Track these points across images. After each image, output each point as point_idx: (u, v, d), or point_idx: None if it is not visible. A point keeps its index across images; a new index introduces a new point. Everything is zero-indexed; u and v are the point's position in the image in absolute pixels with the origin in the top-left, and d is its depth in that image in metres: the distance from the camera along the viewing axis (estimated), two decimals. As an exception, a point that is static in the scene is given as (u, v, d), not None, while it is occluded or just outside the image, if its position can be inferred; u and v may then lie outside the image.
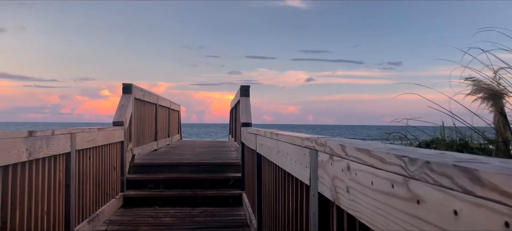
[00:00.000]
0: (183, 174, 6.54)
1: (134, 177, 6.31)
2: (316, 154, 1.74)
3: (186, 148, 10.20)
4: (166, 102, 10.65)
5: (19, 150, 2.71)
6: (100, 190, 4.95)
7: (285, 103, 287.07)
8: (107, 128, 5.16)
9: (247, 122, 6.26)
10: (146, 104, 8.05)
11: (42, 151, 3.11)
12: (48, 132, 3.22)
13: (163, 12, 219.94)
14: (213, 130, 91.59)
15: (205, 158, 7.55)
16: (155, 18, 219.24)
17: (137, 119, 7.20)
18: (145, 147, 7.98)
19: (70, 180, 3.80)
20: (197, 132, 72.38)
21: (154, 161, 7.03)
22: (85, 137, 4.22)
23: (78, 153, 4.05)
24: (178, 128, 14.09)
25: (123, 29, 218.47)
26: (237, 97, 8.02)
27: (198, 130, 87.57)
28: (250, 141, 4.78)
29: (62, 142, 3.55)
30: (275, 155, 2.89)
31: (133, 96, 6.74)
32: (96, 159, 4.76)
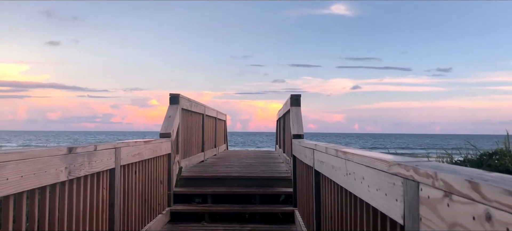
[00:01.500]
0: (231, 188, 6.22)
1: (181, 191, 6.05)
2: (417, 186, 1.33)
3: (233, 158, 9.92)
4: (212, 112, 10.43)
5: (57, 168, 2.45)
6: (146, 206, 4.70)
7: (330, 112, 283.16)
8: (153, 140, 4.92)
9: (298, 134, 5.86)
10: (193, 115, 7.83)
11: (84, 168, 2.86)
12: (90, 148, 2.97)
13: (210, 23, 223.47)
14: (258, 138, 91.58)
15: (254, 170, 7.21)
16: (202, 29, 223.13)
17: (184, 129, 6.98)
18: (192, 159, 7.74)
19: (114, 198, 3.55)
20: (242, 141, 72.53)
21: (201, 173, 6.76)
22: (131, 150, 3.98)
23: (123, 168, 3.80)
24: (225, 138, 13.88)
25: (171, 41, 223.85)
26: (287, 107, 7.63)
27: (243, 138, 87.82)
28: (305, 156, 4.38)
29: (106, 158, 3.30)
30: (343, 177, 2.48)
31: (180, 107, 6.51)
32: (142, 174, 4.51)
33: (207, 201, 5.98)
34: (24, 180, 2.09)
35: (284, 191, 6.07)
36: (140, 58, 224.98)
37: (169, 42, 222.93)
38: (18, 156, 2.03)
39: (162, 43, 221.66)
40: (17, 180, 2.03)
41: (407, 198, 1.41)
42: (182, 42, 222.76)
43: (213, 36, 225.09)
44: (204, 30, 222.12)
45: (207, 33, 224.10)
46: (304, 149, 4.44)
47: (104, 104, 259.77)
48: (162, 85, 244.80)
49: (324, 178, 3.30)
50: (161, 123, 5.97)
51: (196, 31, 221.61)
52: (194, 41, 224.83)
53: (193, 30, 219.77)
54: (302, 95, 6.73)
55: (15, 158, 2.01)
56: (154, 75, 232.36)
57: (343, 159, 2.45)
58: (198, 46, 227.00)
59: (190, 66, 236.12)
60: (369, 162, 1.91)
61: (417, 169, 1.34)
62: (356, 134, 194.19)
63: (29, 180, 2.14)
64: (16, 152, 2.03)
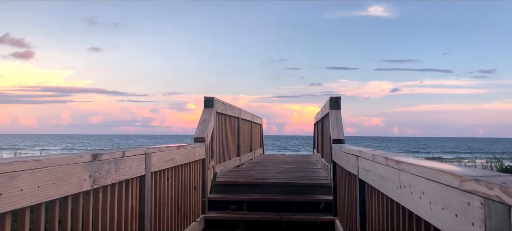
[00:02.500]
0: (268, 195, 5.96)
1: (216, 197, 5.84)
2: (509, 212, 1.03)
3: (269, 163, 9.66)
4: (248, 116, 10.22)
5: (80, 177, 2.27)
6: (179, 213, 4.51)
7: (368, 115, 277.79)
8: (187, 145, 4.73)
9: (339, 138, 5.53)
10: (228, 118, 7.63)
11: (110, 176, 2.68)
12: (117, 154, 2.79)
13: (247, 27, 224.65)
14: (294, 142, 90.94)
15: (291, 176, 6.92)
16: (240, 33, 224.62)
17: (219, 133, 6.78)
18: (228, 163, 7.54)
19: (144, 207, 3.36)
20: (278, 145, 72.18)
21: (236, 179, 6.54)
22: (162, 156, 3.79)
23: (154, 175, 3.61)
24: (261, 142, 13.65)
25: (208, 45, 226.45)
26: (325, 110, 7.31)
27: (279, 142, 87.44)
28: (347, 162, 4.07)
29: (135, 164, 3.12)
30: (395, 190, 2.18)
31: (215, 110, 6.32)
32: (175, 180, 4.32)
33: (242, 208, 5.75)
34: (41, 191, 1.91)
35: (324, 198, 5.76)
36: (178, 62, 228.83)
37: (206, 47, 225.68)
38: (33, 164, 1.85)
39: (200, 48, 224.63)
40: (33, 191, 1.85)
41: (492, 224, 1.11)
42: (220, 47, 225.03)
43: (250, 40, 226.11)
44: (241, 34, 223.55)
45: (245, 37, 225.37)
46: (346, 155, 4.13)
47: (143, 109, 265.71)
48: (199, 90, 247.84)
49: (371, 188, 2.99)
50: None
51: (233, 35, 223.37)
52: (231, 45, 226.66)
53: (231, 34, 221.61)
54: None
55: (30, 166, 1.83)
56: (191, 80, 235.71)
57: (396, 168, 2.15)
58: (235, 50, 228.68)
59: (227, 70, 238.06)
60: (431, 174, 1.61)
61: (507, 188, 1.04)
62: (395, 137, 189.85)
63: (47, 191, 1.96)
64: (32, 160, 1.85)
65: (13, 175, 1.71)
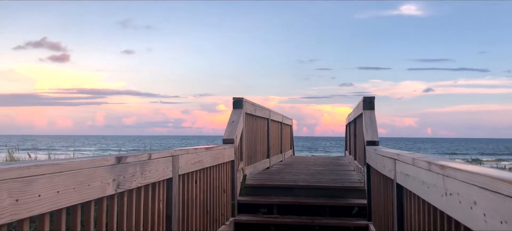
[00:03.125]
0: (299, 198, 5.79)
1: (246, 200, 5.72)
2: None
3: (300, 165, 9.47)
4: (278, 117, 10.06)
5: (103, 181, 2.18)
6: (208, 217, 4.41)
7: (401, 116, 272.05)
8: (215, 147, 4.63)
9: (373, 140, 5.31)
10: (257, 119, 7.51)
11: (135, 179, 2.58)
12: (143, 156, 2.69)
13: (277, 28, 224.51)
14: (325, 143, 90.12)
15: (323, 179, 6.73)
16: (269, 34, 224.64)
17: (248, 135, 6.67)
18: (257, 165, 7.41)
19: (171, 210, 3.26)
20: (309, 146, 71.64)
21: (266, 182, 6.40)
22: (190, 158, 3.69)
23: (181, 177, 3.51)
24: (291, 143, 13.47)
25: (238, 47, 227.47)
26: (358, 111, 7.08)
27: (310, 143, 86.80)
28: (382, 166, 3.87)
29: (162, 167, 3.03)
30: (439, 197, 1.99)
31: (244, 111, 6.20)
32: (203, 182, 4.22)
33: (273, 212, 5.60)
34: (61, 196, 1.82)
35: (357, 202, 5.55)
36: (209, 64, 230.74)
37: (236, 48, 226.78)
38: (53, 168, 1.76)
39: (230, 49, 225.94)
40: (52, 196, 1.76)
41: None
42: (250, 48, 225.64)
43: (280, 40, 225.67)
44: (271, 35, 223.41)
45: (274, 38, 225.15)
46: (381, 158, 3.93)
47: (175, 110, 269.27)
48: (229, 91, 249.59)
49: (410, 194, 2.79)
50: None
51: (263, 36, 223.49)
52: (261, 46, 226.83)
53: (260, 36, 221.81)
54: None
55: (49, 171, 1.74)
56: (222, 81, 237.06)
57: (440, 174, 1.96)
58: (265, 51, 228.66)
59: (257, 71, 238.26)
60: (484, 182, 1.43)
61: None
62: (429, 138, 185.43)
63: (67, 196, 1.87)
64: (51, 164, 1.76)
65: (30, 179, 1.63)
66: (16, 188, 1.55)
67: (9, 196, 1.51)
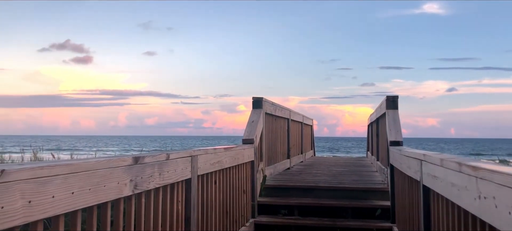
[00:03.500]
0: (320, 200, 5.68)
1: (266, 201, 5.64)
2: None
3: (321, 166, 9.34)
4: (298, 117, 9.95)
5: (120, 181, 2.13)
6: (228, 218, 4.35)
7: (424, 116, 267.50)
8: (235, 147, 4.56)
9: (396, 140, 5.16)
10: (277, 119, 7.42)
11: (153, 180, 2.53)
12: (161, 157, 2.64)
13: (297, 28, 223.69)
14: (346, 144, 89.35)
15: (345, 180, 6.60)
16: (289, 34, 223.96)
17: (268, 135, 6.58)
18: (277, 166, 7.32)
19: (190, 212, 3.21)
20: (329, 147, 71.10)
21: (287, 183, 6.31)
22: (209, 158, 3.63)
23: (200, 178, 3.46)
24: (311, 143, 13.33)
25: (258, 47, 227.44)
26: (381, 110, 6.92)
27: (331, 144, 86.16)
28: (407, 167, 3.73)
29: (180, 167, 2.97)
30: (472, 201, 1.87)
31: (264, 111, 6.12)
32: (222, 183, 4.16)
33: (293, 213, 5.51)
34: (76, 197, 1.77)
35: (380, 204, 5.41)
36: (229, 64, 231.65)
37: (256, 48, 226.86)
38: (67, 169, 1.71)
39: (250, 50, 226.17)
40: (67, 197, 1.71)
41: None
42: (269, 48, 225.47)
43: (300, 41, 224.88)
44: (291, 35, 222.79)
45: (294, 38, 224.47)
46: (406, 158, 3.79)
47: (196, 111, 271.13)
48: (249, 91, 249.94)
49: (438, 196, 2.66)
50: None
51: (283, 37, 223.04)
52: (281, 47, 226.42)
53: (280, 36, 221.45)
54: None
55: (64, 171, 1.69)
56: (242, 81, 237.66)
57: (472, 176, 1.84)
58: (285, 52, 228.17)
59: (277, 72, 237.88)
60: (525, 185, 1.31)
61: None
62: (452, 139, 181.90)
63: (82, 197, 1.82)
64: (65, 164, 1.71)
65: (44, 180, 1.58)
66: (29, 189, 1.50)
67: (22, 197, 1.47)
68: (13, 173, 1.43)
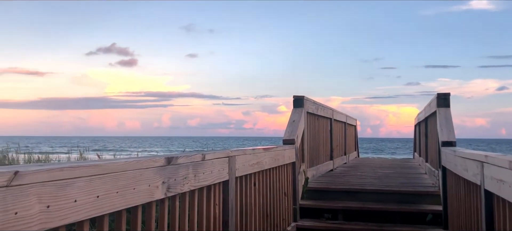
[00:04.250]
0: (366, 204, 5.38)
1: (308, 204, 5.40)
2: None
3: (366, 168, 8.98)
4: (341, 117, 9.63)
5: (151, 184, 1.98)
6: (268, 222, 4.15)
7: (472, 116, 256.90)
8: (275, 148, 4.36)
9: (449, 141, 4.80)
10: (319, 119, 7.15)
11: (188, 182, 2.37)
12: (196, 157, 2.48)
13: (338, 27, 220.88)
14: (390, 145, 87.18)
15: (392, 183, 6.26)
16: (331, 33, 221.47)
17: (310, 135, 6.34)
18: (320, 167, 7.06)
19: (228, 215, 3.04)
20: (373, 147, 69.57)
21: (330, 185, 6.04)
22: (248, 159, 3.45)
23: (239, 180, 3.28)
24: (355, 144, 12.93)
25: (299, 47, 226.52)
26: (431, 109, 6.53)
27: (374, 145, 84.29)
28: (464, 169, 3.41)
29: (217, 169, 2.80)
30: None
31: (305, 110, 5.89)
32: (262, 185, 3.97)
33: (337, 217, 5.24)
34: (102, 201, 1.63)
35: (431, 209, 5.05)
36: (270, 65, 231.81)
37: (297, 49, 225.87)
38: (91, 170, 1.57)
39: (291, 50, 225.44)
40: (91, 201, 1.57)
41: None
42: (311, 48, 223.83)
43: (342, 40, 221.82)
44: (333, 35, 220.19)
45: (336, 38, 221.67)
46: (462, 160, 3.46)
47: (236, 111, 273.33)
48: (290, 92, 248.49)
49: (504, 203, 2.35)
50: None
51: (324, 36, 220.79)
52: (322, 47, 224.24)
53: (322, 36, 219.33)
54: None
55: (87, 173, 1.55)
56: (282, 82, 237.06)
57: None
58: (326, 51, 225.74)
59: (318, 72, 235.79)
60: None
61: None
62: (504, 139, 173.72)
63: (109, 201, 1.68)
64: (89, 165, 1.57)
65: (64, 183, 1.44)
66: (47, 192, 1.37)
67: (39, 202, 1.33)
68: (29, 175, 1.30)
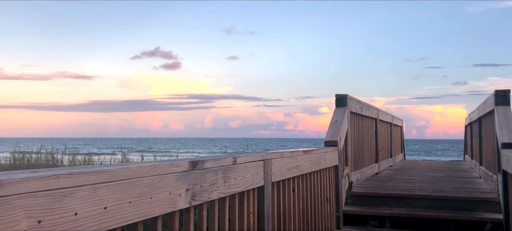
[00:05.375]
0: (416, 210, 4.96)
1: (352, 211, 5.05)
2: None
3: (413, 171, 8.47)
4: (387, 117, 9.15)
5: (172, 192, 1.74)
6: (309, 229, 3.85)
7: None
8: (315, 150, 4.05)
9: (510, 142, 4.33)
10: (364, 119, 6.76)
11: (217, 188, 2.12)
12: (225, 161, 2.22)
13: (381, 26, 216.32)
14: (437, 146, 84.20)
15: (443, 188, 5.79)
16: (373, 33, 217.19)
17: (354, 136, 5.97)
18: (364, 171, 6.66)
19: (264, 224, 2.77)
20: (418, 149, 67.35)
21: (376, 190, 5.65)
22: (286, 163, 3.17)
23: (275, 185, 3.01)
24: (401, 146, 12.35)
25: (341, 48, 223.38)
26: (487, 107, 6.00)
27: (420, 146, 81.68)
28: (533, 175, 2.98)
29: (250, 173, 2.54)
30: None
31: (349, 110, 5.53)
32: (302, 191, 3.68)
33: (384, 225, 4.86)
34: (110, 214, 1.40)
35: (490, 217, 4.58)
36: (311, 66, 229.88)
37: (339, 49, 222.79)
38: (95, 177, 1.34)
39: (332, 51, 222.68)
40: (97, 214, 1.34)
41: None
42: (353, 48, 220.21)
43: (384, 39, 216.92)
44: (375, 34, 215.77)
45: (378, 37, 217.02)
46: (531, 164, 3.04)
47: (278, 113, 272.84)
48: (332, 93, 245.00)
49: None
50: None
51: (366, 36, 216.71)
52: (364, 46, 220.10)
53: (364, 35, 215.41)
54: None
55: (91, 181, 1.32)
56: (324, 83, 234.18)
57: None
58: (369, 51, 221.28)
59: (361, 73, 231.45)
60: None
61: None
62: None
63: (119, 212, 1.44)
64: (93, 172, 1.34)
65: (61, 193, 1.21)
66: (39, 205, 1.14)
67: (27, 216, 1.11)
68: (14, 184, 1.07)
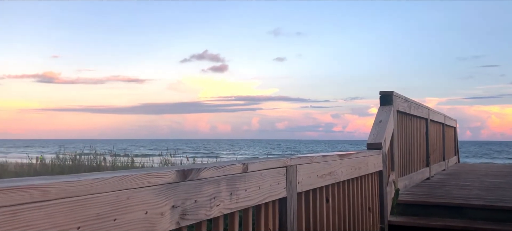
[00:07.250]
0: (473, 222, 4.34)
1: (399, 221, 4.50)
2: None
3: (469, 176, 7.70)
4: (439, 117, 8.42)
5: (150, 210, 1.35)
6: (346, 244, 3.37)
7: None
8: (354, 153, 3.56)
9: None
10: (412, 119, 6.15)
11: (219, 203, 1.71)
12: (232, 168, 1.81)
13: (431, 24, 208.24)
14: (493, 148, 79.83)
15: (505, 196, 5.09)
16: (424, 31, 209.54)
17: (401, 138, 5.40)
18: (413, 176, 6.05)
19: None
20: (473, 151, 64.02)
21: (426, 198, 5.04)
22: (316, 169, 2.72)
23: (303, 196, 2.57)
24: (455, 148, 11.46)
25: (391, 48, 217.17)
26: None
27: (475, 148, 77.71)
28: None
29: (268, 182, 2.12)
30: None
31: (395, 109, 4.97)
32: (338, 201, 3.21)
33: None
34: (44, 243, 1.02)
35: None
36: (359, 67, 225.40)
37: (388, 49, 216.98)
38: (17, 196, 0.96)
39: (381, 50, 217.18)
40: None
41: None
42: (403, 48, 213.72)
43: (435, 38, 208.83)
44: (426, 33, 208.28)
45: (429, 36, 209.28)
46: None
47: (325, 114, 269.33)
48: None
49: None
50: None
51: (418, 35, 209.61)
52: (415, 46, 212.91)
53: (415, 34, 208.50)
54: None
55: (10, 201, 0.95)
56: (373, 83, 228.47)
57: None
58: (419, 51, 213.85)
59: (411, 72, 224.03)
60: None
61: None
62: None
63: (62, 241, 1.07)
64: (16, 187, 0.96)
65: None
66: None
67: None
68: None
